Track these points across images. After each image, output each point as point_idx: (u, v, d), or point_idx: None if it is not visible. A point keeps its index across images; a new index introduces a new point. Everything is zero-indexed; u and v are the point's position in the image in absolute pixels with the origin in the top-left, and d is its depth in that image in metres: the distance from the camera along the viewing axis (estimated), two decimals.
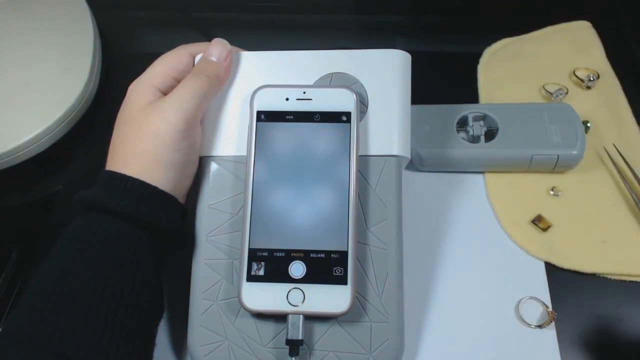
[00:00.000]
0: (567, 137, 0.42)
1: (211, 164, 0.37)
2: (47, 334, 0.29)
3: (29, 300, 0.31)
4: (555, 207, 0.43)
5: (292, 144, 0.35)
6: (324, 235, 0.33)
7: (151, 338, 0.34)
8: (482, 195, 0.45)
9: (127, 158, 0.34)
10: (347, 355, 0.33)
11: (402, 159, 0.36)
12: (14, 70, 0.49)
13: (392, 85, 0.37)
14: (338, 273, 0.33)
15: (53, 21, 0.52)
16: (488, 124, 0.44)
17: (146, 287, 0.32)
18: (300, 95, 0.36)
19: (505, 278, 0.41)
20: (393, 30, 0.58)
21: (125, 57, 0.57)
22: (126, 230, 0.32)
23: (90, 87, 0.50)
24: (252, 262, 0.33)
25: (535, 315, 0.39)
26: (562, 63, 0.51)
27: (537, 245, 0.42)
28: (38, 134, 0.46)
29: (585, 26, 0.53)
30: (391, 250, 0.34)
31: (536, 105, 0.45)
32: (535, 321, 0.38)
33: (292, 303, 0.32)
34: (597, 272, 0.40)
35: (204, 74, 0.35)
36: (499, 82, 0.51)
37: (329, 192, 0.34)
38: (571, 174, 0.44)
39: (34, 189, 0.49)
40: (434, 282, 0.41)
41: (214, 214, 0.36)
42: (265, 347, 0.34)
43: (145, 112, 0.34)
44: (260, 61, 0.38)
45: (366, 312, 0.34)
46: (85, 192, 0.33)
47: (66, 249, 0.32)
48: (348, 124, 0.35)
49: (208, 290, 0.35)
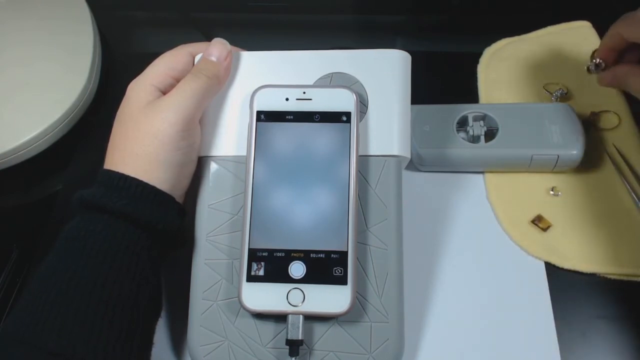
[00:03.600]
0: (567, 137, 0.42)
1: (211, 164, 0.37)
2: (45, 333, 0.29)
3: (27, 299, 0.31)
4: (555, 207, 0.43)
5: (292, 144, 0.35)
6: (324, 235, 0.33)
7: (149, 337, 0.34)
8: (482, 195, 0.45)
9: (125, 157, 0.34)
10: (347, 355, 0.33)
11: (402, 159, 0.36)
12: (14, 70, 0.49)
13: (392, 85, 0.37)
14: (338, 273, 0.33)
15: (53, 21, 0.52)
16: (488, 124, 0.44)
17: (144, 286, 0.32)
18: (300, 95, 0.36)
19: (505, 278, 0.41)
20: (393, 30, 0.58)
21: (125, 57, 0.57)
22: (124, 230, 0.32)
23: (90, 87, 0.50)
24: (252, 262, 0.33)
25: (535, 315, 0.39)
26: (562, 63, 0.51)
27: (537, 245, 0.42)
28: (38, 134, 0.46)
29: (585, 26, 0.53)
30: (391, 250, 0.34)
31: (536, 105, 0.45)
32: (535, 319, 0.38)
33: (292, 303, 0.32)
34: (597, 272, 0.40)
35: (204, 74, 0.35)
36: (499, 82, 0.51)
37: (329, 192, 0.34)
38: (571, 174, 0.44)
39: (34, 189, 0.49)
40: (434, 282, 0.41)
41: (213, 214, 0.36)
42: (265, 347, 0.34)
43: (145, 112, 0.34)
44: (260, 61, 0.38)
45: (366, 312, 0.34)
46: (83, 192, 0.34)
47: (64, 248, 0.32)
48: (348, 124, 0.35)
49: (208, 290, 0.35)
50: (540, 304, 0.39)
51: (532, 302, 0.39)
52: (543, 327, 0.38)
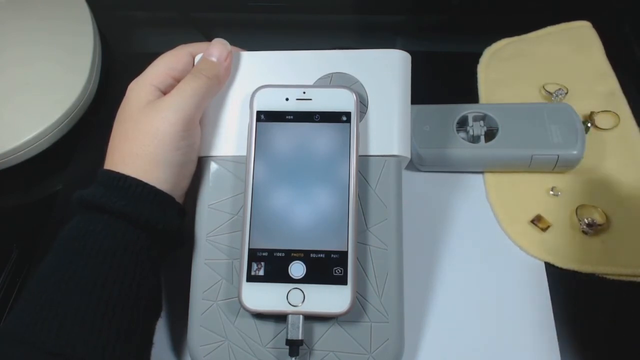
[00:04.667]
0: (567, 137, 0.42)
1: (211, 164, 0.37)
2: (44, 333, 0.29)
3: (27, 299, 0.31)
4: (555, 207, 0.43)
5: (292, 144, 0.35)
6: (323, 235, 0.33)
7: (149, 337, 0.34)
8: (482, 195, 0.45)
9: (125, 157, 0.34)
10: (347, 355, 0.33)
11: (402, 159, 0.36)
12: (14, 70, 0.49)
13: (392, 85, 0.37)
14: (338, 273, 0.33)
15: (53, 21, 0.52)
16: (488, 124, 0.44)
17: (144, 286, 0.32)
18: (300, 95, 0.36)
19: (505, 278, 0.41)
20: (393, 30, 0.58)
21: (125, 57, 0.57)
22: (124, 230, 0.32)
23: (90, 87, 0.50)
24: (252, 262, 0.33)
25: (535, 315, 0.39)
26: (562, 63, 0.51)
27: (537, 245, 0.42)
28: (38, 134, 0.46)
29: (585, 26, 0.53)
30: (391, 250, 0.34)
31: (536, 105, 0.45)
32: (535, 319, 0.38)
33: (292, 303, 0.32)
34: (597, 272, 0.40)
35: (204, 74, 0.35)
36: (499, 82, 0.51)
37: (329, 192, 0.34)
38: (571, 174, 0.44)
39: (34, 189, 0.49)
40: (434, 282, 0.41)
41: (213, 214, 0.36)
42: (265, 347, 0.34)
43: (145, 112, 0.34)
44: (260, 61, 0.38)
45: (366, 312, 0.34)
46: (83, 192, 0.34)
47: (64, 248, 0.32)
48: (348, 124, 0.35)
49: (208, 290, 0.35)
50: (540, 304, 0.39)
51: (532, 302, 0.39)
52: (543, 327, 0.38)
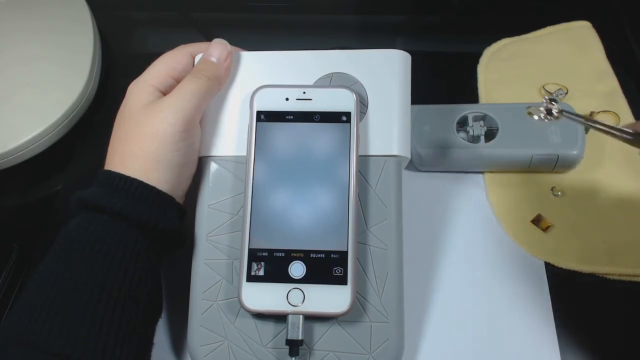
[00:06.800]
0: (567, 137, 0.42)
1: (211, 164, 0.37)
2: (43, 333, 0.29)
3: (27, 299, 0.31)
4: (555, 207, 0.43)
5: (292, 144, 0.35)
6: (323, 236, 0.33)
7: (149, 337, 0.34)
8: (482, 195, 0.45)
9: (125, 158, 0.34)
10: (347, 355, 0.33)
11: (402, 159, 0.36)
12: (14, 70, 0.49)
13: (392, 85, 0.37)
14: (338, 273, 0.33)
15: (53, 21, 0.52)
16: (488, 124, 0.44)
17: (144, 286, 0.32)
18: (300, 95, 0.36)
19: (505, 278, 0.41)
20: (393, 30, 0.58)
21: (125, 57, 0.57)
22: (124, 230, 0.32)
23: (90, 87, 0.50)
24: (252, 262, 0.33)
25: (535, 315, 0.39)
26: (562, 63, 0.51)
27: (537, 245, 0.42)
28: (38, 134, 0.46)
29: (585, 26, 0.53)
30: (391, 250, 0.34)
31: (536, 105, 0.45)
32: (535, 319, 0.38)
33: (292, 303, 0.32)
34: (597, 272, 0.40)
35: (204, 75, 0.35)
36: (499, 82, 0.51)
37: (329, 192, 0.34)
38: (571, 174, 0.44)
39: (34, 189, 0.49)
40: (434, 282, 0.41)
41: (213, 214, 0.36)
42: (265, 347, 0.34)
43: (145, 112, 0.34)
44: (260, 61, 0.38)
45: (366, 312, 0.34)
46: (83, 192, 0.34)
47: (64, 248, 0.32)
48: (348, 124, 0.35)
49: (208, 290, 0.35)
50: (540, 304, 0.39)
51: (532, 302, 0.39)
52: (543, 327, 0.38)
